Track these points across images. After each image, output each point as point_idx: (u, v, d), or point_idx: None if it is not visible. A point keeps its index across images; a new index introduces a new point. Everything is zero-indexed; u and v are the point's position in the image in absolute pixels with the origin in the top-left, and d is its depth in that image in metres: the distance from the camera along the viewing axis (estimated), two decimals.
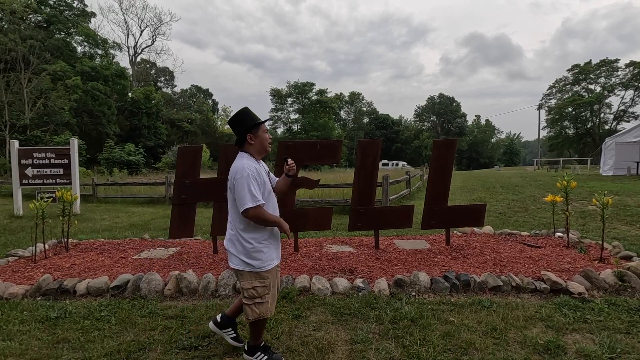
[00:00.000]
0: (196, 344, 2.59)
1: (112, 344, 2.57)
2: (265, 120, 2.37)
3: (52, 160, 9.17)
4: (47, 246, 4.86)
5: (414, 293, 3.45)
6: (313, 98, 54.15)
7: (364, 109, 70.07)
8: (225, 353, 2.49)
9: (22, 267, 4.25)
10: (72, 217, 5.19)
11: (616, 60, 42.29)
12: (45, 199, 4.66)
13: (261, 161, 2.40)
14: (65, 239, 5.03)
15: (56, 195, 5.17)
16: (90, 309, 3.20)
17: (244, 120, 2.30)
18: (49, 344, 2.61)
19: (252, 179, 2.13)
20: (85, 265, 4.28)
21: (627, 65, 41.17)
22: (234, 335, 2.57)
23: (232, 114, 2.72)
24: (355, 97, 67.10)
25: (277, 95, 54.85)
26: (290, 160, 2.46)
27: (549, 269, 3.81)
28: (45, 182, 9.19)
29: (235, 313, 2.58)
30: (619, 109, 44.17)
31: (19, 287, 3.59)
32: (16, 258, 4.66)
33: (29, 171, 9.10)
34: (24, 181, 9.12)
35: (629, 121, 42.11)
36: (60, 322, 2.95)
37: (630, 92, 42.47)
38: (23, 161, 9.07)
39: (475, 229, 5.82)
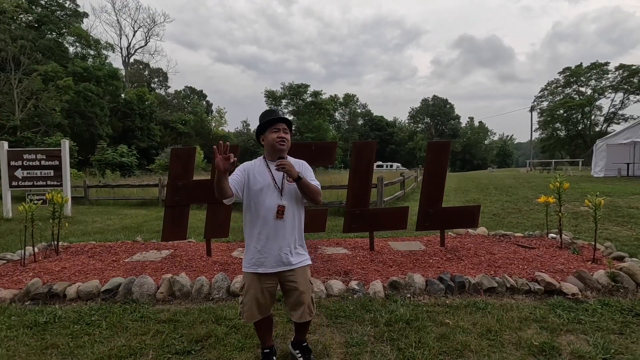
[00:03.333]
0: (189, 349, 2.54)
1: (103, 349, 2.52)
2: (270, 120, 2.21)
3: (43, 162, 9.05)
4: (36, 249, 4.77)
5: (409, 295, 3.44)
6: (307, 100, 54.27)
7: (359, 110, 70.33)
8: (219, 358, 2.45)
9: (10, 271, 4.17)
10: (63, 219, 5.10)
11: (606, 63, 42.97)
12: (35, 201, 4.59)
13: (287, 159, 2.20)
14: (56, 242, 4.95)
15: (46, 198, 5.08)
16: (80, 313, 3.14)
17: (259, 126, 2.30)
18: (38, 350, 2.55)
19: (233, 176, 2.19)
20: (75, 268, 4.21)
21: (617, 68, 41.83)
22: (301, 357, 2.35)
23: (225, 115, 2.67)
24: (349, 99, 67.29)
25: (272, 97, 54.84)
26: (277, 161, 2.15)
27: (543, 270, 3.83)
28: (35, 184, 9.06)
29: (296, 332, 2.45)
30: (609, 111, 44.88)
31: (7, 292, 3.52)
32: (4, 262, 4.57)
33: (19, 173, 8.96)
34: (14, 183, 8.98)
35: (619, 123, 42.74)
36: (50, 327, 2.89)
37: (620, 95, 43.23)
38: (12, 163, 8.93)
39: (470, 231, 5.84)
